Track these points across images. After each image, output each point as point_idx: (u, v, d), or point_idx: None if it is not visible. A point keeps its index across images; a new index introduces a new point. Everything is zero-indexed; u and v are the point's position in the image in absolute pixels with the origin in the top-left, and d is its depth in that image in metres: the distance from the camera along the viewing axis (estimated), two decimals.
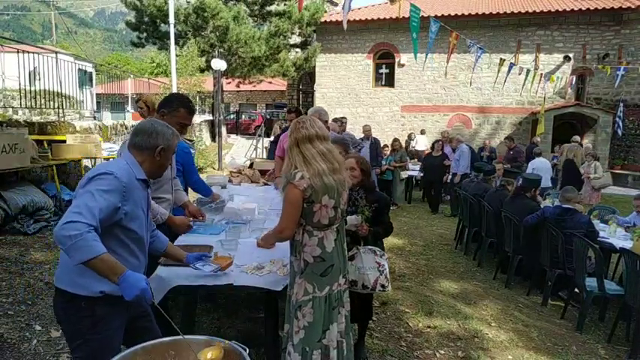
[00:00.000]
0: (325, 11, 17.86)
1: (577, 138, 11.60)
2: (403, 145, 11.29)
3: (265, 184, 5.40)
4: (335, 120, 7.36)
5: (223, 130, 15.90)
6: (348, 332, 2.42)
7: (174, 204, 3.02)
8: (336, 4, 22.55)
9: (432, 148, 10.40)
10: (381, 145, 9.87)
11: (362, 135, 9.24)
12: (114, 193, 1.74)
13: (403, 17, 10.28)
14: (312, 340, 2.24)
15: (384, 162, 9.68)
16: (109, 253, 1.64)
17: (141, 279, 1.65)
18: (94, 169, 1.86)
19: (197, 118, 12.53)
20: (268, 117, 22.37)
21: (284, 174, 2.27)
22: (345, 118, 8.06)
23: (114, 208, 1.75)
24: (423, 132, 15.07)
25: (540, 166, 9.15)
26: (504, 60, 11.13)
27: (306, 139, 2.23)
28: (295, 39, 18.27)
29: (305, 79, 22.99)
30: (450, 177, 9.81)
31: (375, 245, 3.03)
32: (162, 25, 15.59)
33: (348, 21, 8.14)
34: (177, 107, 2.70)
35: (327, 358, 2.27)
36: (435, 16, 9.58)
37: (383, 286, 2.89)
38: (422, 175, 10.30)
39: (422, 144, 14.30)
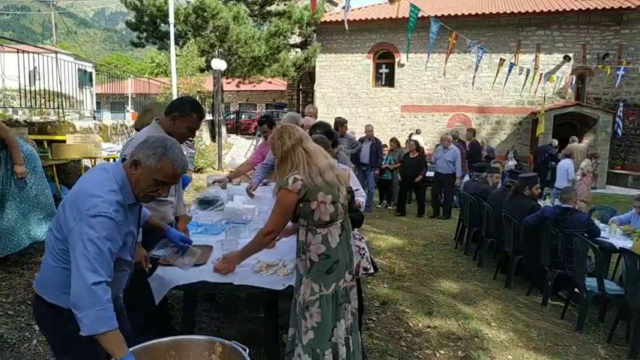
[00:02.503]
0: (325, 11, 17.84)
1: (575, 138, 11.61)
2: (403, 145, 11.21)
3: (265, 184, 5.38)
4: (340, 121, 7.30)
5: (223, 130, 15.89)
6: (355, 329, 2.42)
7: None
8: (335, 4, 22.55)
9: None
10: (382, 145, 9.82)
11: (363, 135, 9.23)
12: (113, 233, 1.70)
13: (403, 17, 10.29)
14: (323, 340, 2.24)
15: (384, 162, 9.66)
16: (117, 330, 1.62)
17: None
18: (86, 198, 1.69)
19: None
20: None
21: (279, 180, 2.26)
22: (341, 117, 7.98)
23: (117, 247, 1.73)
24: (418, 132, 14.59)
25: (560, 165, 9.28)
26: (504, 60, 11.13)
27: (300, 141, 2.26)
28: (295, 39, 18.24)
29: (305, 79, 22.98)
30: (421, 177, 9.17)
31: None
32: (162, 25, 15.58)
33: (348, 21, 8.14)
34: (190, 112, 2.71)
35: (337, 356, 2.28)
36: (435, 16, 9.58)
37: (366, 269, 2.80)
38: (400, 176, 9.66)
39: None
